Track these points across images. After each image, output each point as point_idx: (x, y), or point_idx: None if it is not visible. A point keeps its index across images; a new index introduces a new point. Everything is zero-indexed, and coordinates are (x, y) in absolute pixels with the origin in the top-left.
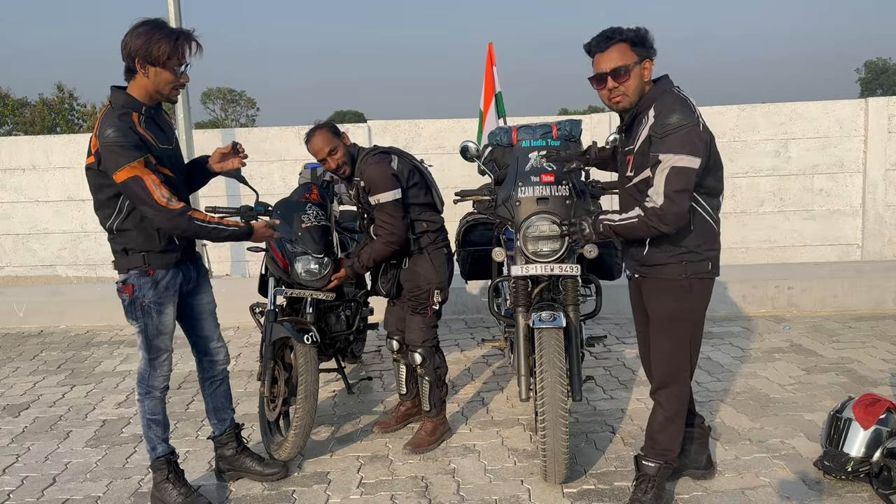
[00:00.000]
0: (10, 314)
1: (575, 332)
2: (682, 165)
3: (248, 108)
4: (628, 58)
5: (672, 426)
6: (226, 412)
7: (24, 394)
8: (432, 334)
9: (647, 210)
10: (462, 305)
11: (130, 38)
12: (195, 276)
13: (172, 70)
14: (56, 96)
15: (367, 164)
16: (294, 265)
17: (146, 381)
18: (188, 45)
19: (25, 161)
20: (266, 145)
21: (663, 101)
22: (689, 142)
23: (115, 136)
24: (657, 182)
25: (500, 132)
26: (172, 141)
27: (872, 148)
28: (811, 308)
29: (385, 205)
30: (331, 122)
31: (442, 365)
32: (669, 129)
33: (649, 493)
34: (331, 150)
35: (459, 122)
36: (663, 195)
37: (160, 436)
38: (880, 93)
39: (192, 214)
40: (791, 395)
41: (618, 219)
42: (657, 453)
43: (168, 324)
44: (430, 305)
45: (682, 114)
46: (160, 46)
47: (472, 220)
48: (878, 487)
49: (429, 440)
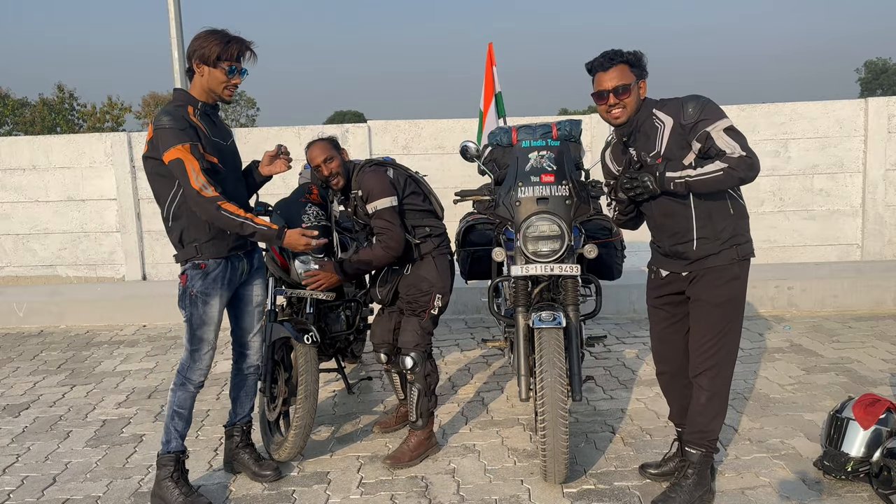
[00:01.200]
0: (10, 314)
1: (575, 332)
2: (728, 125)
3: (249, 108)
4: (628, 77)
5: (712, 406)
6: (242, 406)
7: (24, 394)
8: (427, 340)
9: (734, 160)
10: (462, 305)
11: (193, 41)
12: (248, 270)
13: (224, 70)
14: (56, 96)
15: (363, 174)
16: (294, 265)
17: (184, 373)
18: (240, 49)
19: (25, 161)
20: (266, 145)
21: (662, 104)
22: (715, 109)
23: (167, 121)
24: (726, 143)
25: (500, 132)
26: (227, 139)
27: (872, 148)
28: (811, 308)
29: (383, 211)
30: (333, 137)
31: (433, 373)
32: (699, 108)
33: (689, 479)
34: (327, 158)
35: (459, 122)
36: (741, 147)
37: (179, 431)
38: (880, 93)
39: (220, 204)
40: (791, 395)
41: (696, 173)
42: (699, 438)
43: (212, 315)
44: (429, 309)
45: (692, 97)
46: (212, 48)
47: (471, 221)
48: (878, 487)
49: (410, 455)
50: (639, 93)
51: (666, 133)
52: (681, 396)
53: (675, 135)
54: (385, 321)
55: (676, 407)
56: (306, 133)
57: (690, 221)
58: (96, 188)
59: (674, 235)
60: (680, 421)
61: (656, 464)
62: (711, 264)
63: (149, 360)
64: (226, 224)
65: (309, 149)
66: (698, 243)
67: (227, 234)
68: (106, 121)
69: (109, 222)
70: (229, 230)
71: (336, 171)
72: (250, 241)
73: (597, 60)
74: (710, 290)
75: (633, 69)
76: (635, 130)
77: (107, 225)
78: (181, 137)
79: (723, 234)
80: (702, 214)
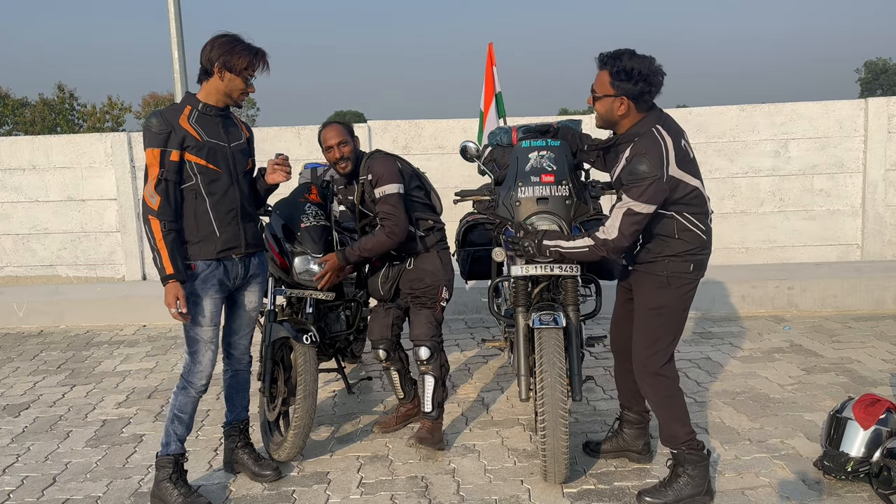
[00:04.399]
0: (10, 314)
1: (575, 332)
2: (638, 210)
3: (249, 108)
4: (603, 88)
5: (663, 412)
6: (234, 406)
7: (24, 394)
8: (439, 331)
9: (598, 241)
10: (462, 305)
11: (213, 46)
12: (243, 274)
13: (245, 80)
14: (56, 96)
15: (373, 160)
16: (293, 265)
17: (186, 376)
18: (262, 62)
19: (25, 161)
20: (266, 145)
21: (639, 144)
22: (649, 193)
23: (147, 122)
24: (614, 218)
25: (500, 132)
26: (234, 141)
27: (872, 148)
28: (811, 308)
29: (389, 196)
30: (349, 123)
31: (446, 364)
32: (635, 179)
33: (681, 477)
34: (341, 141)
35: (459, 122)
36: (618, 230)
37: (179, 435)
38: (880, 93)
39: (149, 217)
40: (791, 395)
41: (567, 246)
42: (666, 440)
43: (204, 316)
44: (439, 301)
45: (650, 165)
46: (241, 58)
47: (472, 220)
48: (878, 487)
49: (429, 438)
50: (613, 107)
51: (619, 169)
52: (624, 380)
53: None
54: (382, 317)
55: (621, 388)
56: (306, 133)
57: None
58: (96, 188)
59: None
60: (625, 402)
61: (596, 442)
62: (645, 269)
63: (149, 360)
64: (148, 237)
65: (324, 129)
66: (640, 249)
67: (217, 236)
68: (106, 121)
69: (109, 222)
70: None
71: (347, 155)
72: (246, 243)
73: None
74: (643, 292)
75: (615, 82)
76: (613, 145)
77: (107, 225)
78: (153, 142)
79: (664, 249)
80: (649, 228)
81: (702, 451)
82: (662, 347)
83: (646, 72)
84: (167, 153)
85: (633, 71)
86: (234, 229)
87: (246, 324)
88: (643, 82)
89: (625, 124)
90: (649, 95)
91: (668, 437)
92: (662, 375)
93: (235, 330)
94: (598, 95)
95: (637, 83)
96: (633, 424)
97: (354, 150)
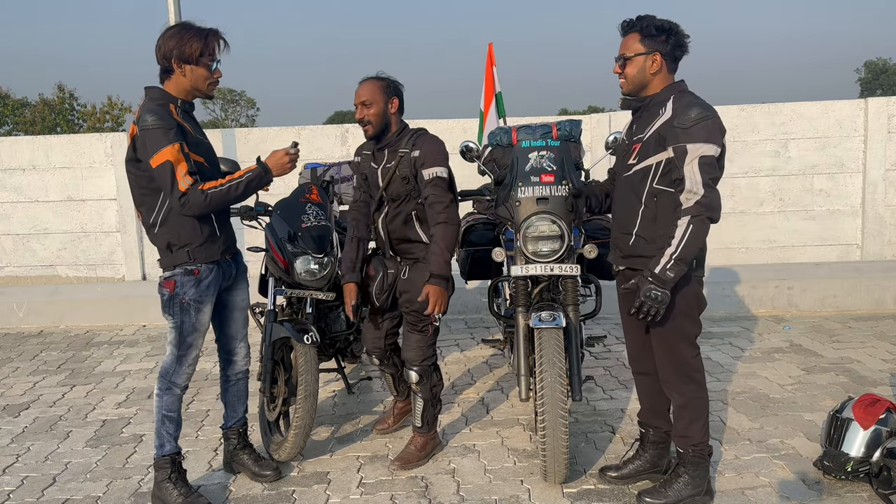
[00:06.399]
0: (10, 314)
1: (575, 332)
2: (710, 153)
3: (249, 108)
4: (634, 48)
5: (686, 412)
6: (235, 410)
7: (24, 394)
8: (431, 352)
9: (693, 207)
10: (462, 305)
11: (163, 41)
12: (234, 274)
13: (206, 66)
14: (56, 96)
15: (424, 137)
16: (294, 265)
17: (169, 377)
18: (217, 41)
19: (25, 161)
20: (266, 145)
21: (681, 97)
22: (712, 132)
23: (154, 120)
24: (692, 173)
25: (500, 132)
26: (204, 137)
27: (872, 148)
28: (811, 308)
29: (441, 180)
30: (394, 80)
31: (438, 383)
32: (697, 119)
33: (682, 476)
34: (367, 100)
35: (459, 123)
36: (702, 184)
37: (171, 433)
38: (880, 93)
39: (202, 188)
40: (791, 395)
41: (673, 248)
42: (680, 441)
43: (204, 322)
44: (430, 323)
45: (704, 107)
46: (192, 45)
47: (472, 220)
48: (878, 487)
49: (418, 455)
50: (646, 66)
51: (658, 123)
52: (649, 396)
53: (662, 129)
54: (373, 329)
55: (646, 404)
56: (306, 133)
57: (636, 216)
58: (96, 188)
59: (619, 224)
60: (646, 420)
61: (616, 466)
62: (642, 266)
63: (148, 360)
64: (219, 201)
65: (361, 83)
66: (635, 240)
67: (219, 235)
68: (106, 121)
69: (109, 222)
70: (224, 204)
71: (370, 119)
72: (234, 241)
73: (622, 23)
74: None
75: (645, 40)
76: (644, 108)
77: (107, 225)
78: (170, 137)
79: (661, 239)
80: (648, 214)
81: (708, 457)
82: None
83: (674, 28)
84: (183, 146)
85: (663, 26)
86: (229, 228)
87: (242, 326)
88: (674, 36)
89: (656, 84)
90: (680, 52)
91: (681, 436)
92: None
93: (233, 335)
94: (629, 56)
95: (668, 38)
96: (657, 444)
97: (382, 115)
